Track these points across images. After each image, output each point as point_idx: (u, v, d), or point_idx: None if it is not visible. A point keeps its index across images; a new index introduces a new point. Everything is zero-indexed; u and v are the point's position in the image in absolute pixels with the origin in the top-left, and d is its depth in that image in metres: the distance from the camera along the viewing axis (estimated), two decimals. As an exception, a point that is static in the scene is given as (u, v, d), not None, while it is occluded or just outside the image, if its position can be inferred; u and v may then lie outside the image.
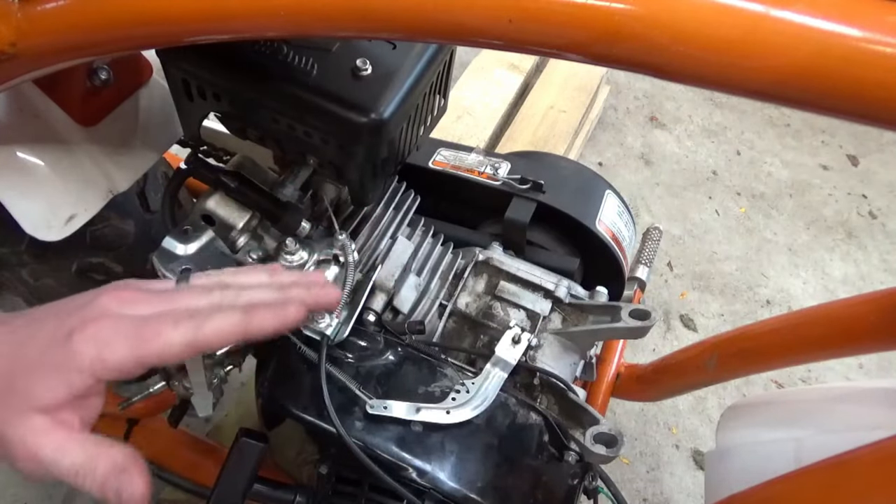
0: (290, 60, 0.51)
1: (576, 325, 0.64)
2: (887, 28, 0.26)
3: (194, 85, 0.53)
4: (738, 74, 0.29)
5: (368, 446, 0.52)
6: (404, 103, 0.51)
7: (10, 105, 0.59)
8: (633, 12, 0.29)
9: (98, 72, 0.61)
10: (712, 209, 1.77)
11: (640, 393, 0.92)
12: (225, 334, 0.40)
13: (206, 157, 0.69)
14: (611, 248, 0.72)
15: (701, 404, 1.36)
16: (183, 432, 0.88)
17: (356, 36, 0.49)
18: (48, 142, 0.61)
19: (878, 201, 1.86)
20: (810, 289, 1.62)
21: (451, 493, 0.51)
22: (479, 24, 0.32)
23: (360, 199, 0.58)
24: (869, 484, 0.39)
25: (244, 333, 0.41)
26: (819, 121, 2.03)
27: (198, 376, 0.55)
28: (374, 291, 0.60)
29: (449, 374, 0.58)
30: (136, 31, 0.41)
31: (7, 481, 1.10)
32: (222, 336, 0.40)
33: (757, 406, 0.67)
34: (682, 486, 1.24)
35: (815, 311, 0.63)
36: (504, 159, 0.76)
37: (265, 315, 0.42)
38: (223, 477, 0.56)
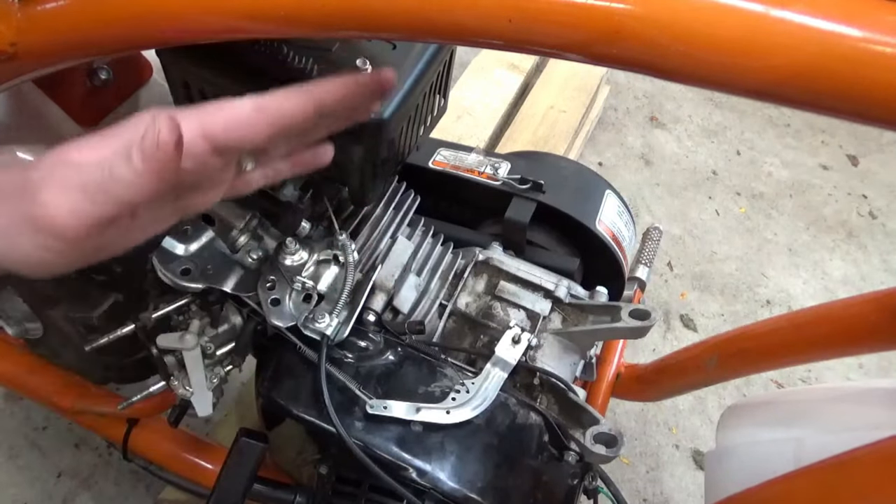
0: (290, 60, 0.51)
1: (576, 325, 0.64)
2: (887, 28, 0.26)
3: (194, 85, 0.53)
4: (738, 74, 0.29)
5: (368, 446, 0.52)
6: (404, 103, 0.51)
7: (10, 105, 0.59)
8: (633, 12, 0.29)
9: (98, 72, 0.62)
10: (712, 209, 1.77)
11: (640, 393, 0.92)
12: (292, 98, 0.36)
13: (206, 157, 0.69)
14: (611, 248, 0.72)
15: (701, 404, 1.36)
16: (183, 432, 0.88)
17: (356, 36, 0.49)
18: (48, 142, 0.61)
19: (878, 201, 1.86)
20: (810, 289, 1.62)
21: (451, 493, 0.51)
22: (479, 24, 0.32)
23: (360, 199, 0.58)
24: (869, 484, 0.39)
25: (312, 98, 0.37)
26: (819, 121, 2.02)
27: (198, 376, 0.55)
28: (374, 291, 0.60)
29: (449, 374, 0.58)
30: (136, 31, 0.41)
31: (8, 481, 1.10)
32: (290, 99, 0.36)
33: (757, 406, 0.67)
34: (682, 486, 1.24)
35: (815, 311, 0.63)
36: (504, 159, 0.76)
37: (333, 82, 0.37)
38: (223, 477, 0.56)
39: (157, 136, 0.31)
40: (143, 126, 0.32)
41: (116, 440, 0.88)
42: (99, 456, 1.14)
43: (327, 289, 0.58)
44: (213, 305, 0.59)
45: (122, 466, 1.13)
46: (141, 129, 0.32)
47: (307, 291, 0.57)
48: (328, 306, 0.56)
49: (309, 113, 0.37)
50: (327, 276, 0.59)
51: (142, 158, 0.31)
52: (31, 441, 1.15)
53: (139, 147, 0.31)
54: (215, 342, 0.58)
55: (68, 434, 1.16)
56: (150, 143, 0.31)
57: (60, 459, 1.13)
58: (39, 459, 1.13)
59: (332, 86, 0.37)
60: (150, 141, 0.31)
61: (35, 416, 1.17)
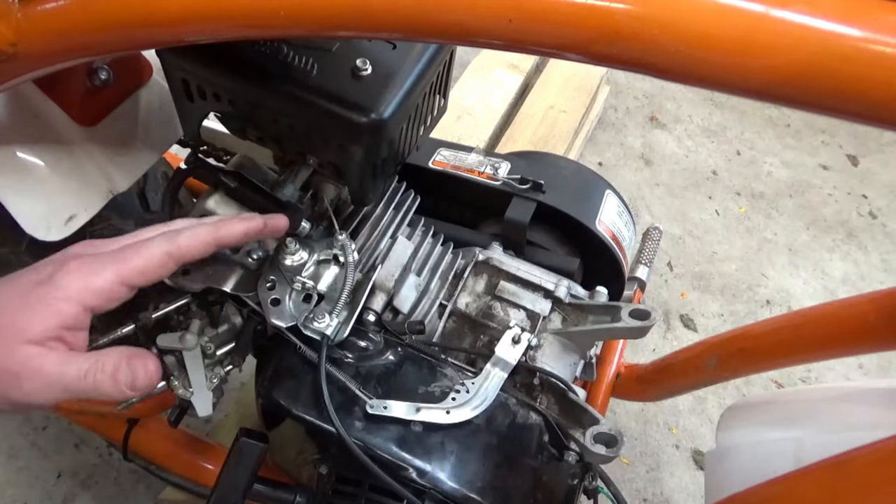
0: (290, 60, 0.51)
1: (576, 325, 0.64)
2: (887, 28, 0.26)
3: (194, 85, 0.53)
4: (738, 74, 0.29)
5: (368, 446, 0.52)
6: (404, 103, 0.51)
7: (10, 105, 0.59)
8: (633, 12, 0.29)
9: (98, 72, 0.61)
10: (712, 209, 1.77)
11: (640, 393, 0.92)
12: (199, 241, 0.43)
13: (206, 157, 0.69)
14: (611, 248, 0.72)
15: (701, 404, 1.36)
16: (183, 432, 0.88)
17: (356, 36, 0.49)
18: (48, 142, 0.61)
19: (878, 201, 1.86)
20: (810, 289, 1.62)
21: (451, 493, 0.51)
22: (479, 24, 0.32)
23: (360, 199, 0.58)
24: (869, 484, 0.39)
25: (216, 240, 0.44)
26: (819, 121, 2.02)
27: (198, 376, 0.55)
28: (374, 291, 0.60)
29: (449, 374, 0.58)
30: (136, 31, 0.41)
31: (7, 481, 1.10)
32: (197, 243, 0.43)
33: (757, 406, 0.67)
34: (682, 486, 1.24)
35: (815, 311, 0.63)
36: (504, 159, 0.76)
37: (231, 222, 0.46)
38: (223, 477, 0.56)
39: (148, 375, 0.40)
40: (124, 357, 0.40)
41: (116, 440, 0.88)
42: (99, 456, 1.14)
43: (327, 289, 0.58)
44: (213, 305, 0.59)
45: (122, 466, 1.13)
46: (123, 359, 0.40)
47: (307, 291, 0.57)
48: (328, 306, 0.56)
49: (212, 250, 0.45)
50: (327, 276, 0.59)
51: (131, 388, 0.40)
52: (31, 441, 1.15)
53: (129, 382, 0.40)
54: (215, 342, 0.57)
55: (68, 434, 1.16)
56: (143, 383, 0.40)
57: (60, 459, 1.13)
58: (39, 459, 1.13)
59: (233, 228, 0.45)
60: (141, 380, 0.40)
61: (35, 416, 1.17)
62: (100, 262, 0.40)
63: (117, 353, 0.40)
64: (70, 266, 0.39)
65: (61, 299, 0.38)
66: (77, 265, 0.39)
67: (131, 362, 0.40)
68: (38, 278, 0.39)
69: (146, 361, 0.41)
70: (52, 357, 0.38)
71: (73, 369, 0.38)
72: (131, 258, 0.41)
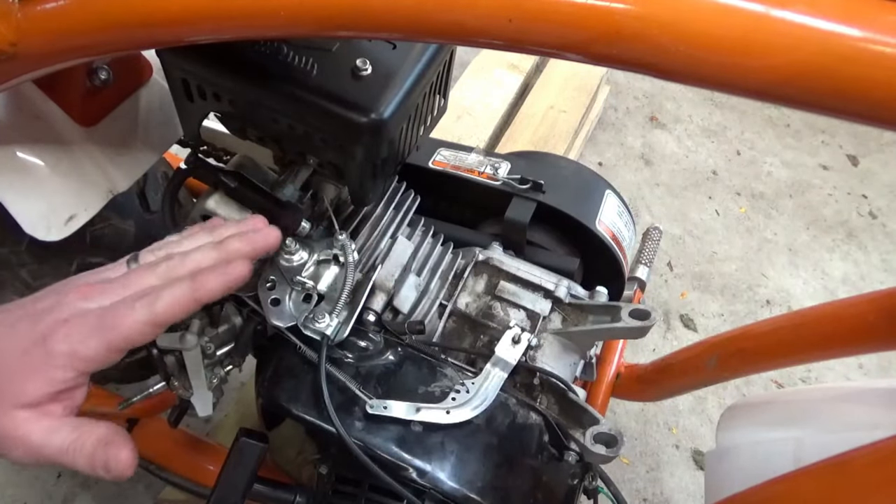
0: (290, 60, 0.51)
1: (576, 325, 0.64)
2: (887, 28, 0.26)
3: (194, 85, 0.53)
4: (739, 74, 0.29)
5: (368, 446, 0.52)
6: (404, 103, 0.51)
7: (10, 105, 0.59)
8: (633, 12, 0.29)
9: (98, 72, 0.61)
10: (712, 209, 1.77)
11: (640, 393, 0.92)
12: (178, 306, 0.43)
13: (206, 157, 0.69)
14: (611, 248, 0.72)
15: (701, 404, 1.36)
16: (183, 432, 0.88)
17: (356, 36, 0.49)
18: (48, 142, 0.61)
19: (878, 201, 1.86)
20: (810, 289, 1.62)
21: (451, 493, 0.51)
22: (479, 24, 0.32)
23: (360, 199, 0.58)
24: (869, 484, 0.39)
25: (194, 301, 0.44)
26: (819, 121, 2.02)
27: (198, 376, 0.55)
28: (374, 291, 0.60)
29: (449, 374, 0.57)
30: (136, 31, 0.41)
31: (7, 481, 1.10)
32: (176, 308, 0.43)
33: (757, 406, 0.67)
34: (682, 486, 1.24)
35: (815, 311, 0.63)
36: (504, 159, 0.76)
37: (209, 279, 0.45)
38: (223, 477, 0.56)
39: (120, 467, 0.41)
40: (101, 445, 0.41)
41: (116, 440, 0.88)
42: (99, 456, 1.14)
43: (327, 289, 0.58)
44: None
45: (122, 466, 1.13)
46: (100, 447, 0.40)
47: (307, 291, 0.57)
48: (328, 306, 0.56)
49: (194, 309, 0.45)
50: (327, 276, 0.59)
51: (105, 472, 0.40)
52: (31, 441, 1.15)
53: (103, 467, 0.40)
54: (215, 342, 0.57)
55: (68, 434, 1.16)
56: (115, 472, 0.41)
57: (60, 459, 1.13)
58: (39, 459, 1.13)
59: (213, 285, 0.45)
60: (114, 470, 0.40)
61: (35, 416, 1.17)
62: (87, 329, 0.41)
63: (96, 437, 0.41)
64: (60, 333, 0.40)
65: (53, 367, 0.40)
66: (66, 332, 0.41)
67: (107, 450, 0.41)
68: (33, 337, 0.40)
69: (119, 452, 0.41)
70: (40, 424, 0.39)
71: (55, 442, 0.40)
72: (115, 328, 0.42)
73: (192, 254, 0.47)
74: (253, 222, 0.52)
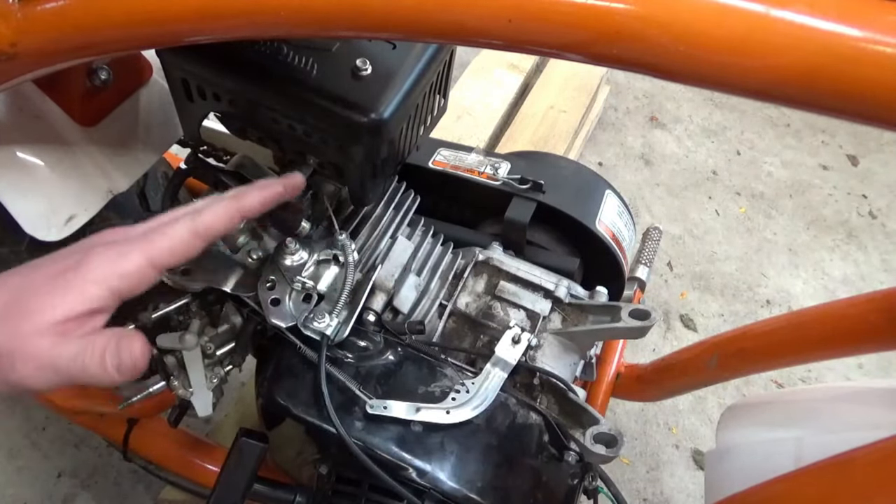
0: (290, 60, 0.51)
1: (576, 325, 0.64)
2: (887, 28, 0.26)
3: (194, 85, 0.53)
4: (739, 74, 0.29)
5: (368, 446, 0.52)
6: (404, 103, 0.51)
7: (10, 105, 0.59)
8: (633, 12, 0.29)
9: (98, 72, 0.61)
10: (712, 209, 1.77)
11: (640, 393, 0.92)
12: (221, 216, 0.44)
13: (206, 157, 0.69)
14: (611, 248, 0.72)
15: (701, 404, 1.36)
16: (183, 432, 0.88)
17: (356, 36, 0.49)
18: (48, 142, 0.61)
19: (878, 201, 1.86)
20: (810, 289, 1.62)
21: (451, 493, 0.51)
22: (479, 24, 0.32)
23: (360, 199, 0.58)
24: (869, 484, 0.39)
25: (238, 211, 0.45)
26: (819, 121, 2.02)
27: (198, 376, 0.55)
28: (374, 291, 0.60)
29: (449, 374, 0.57)
30: (136, 31, 0.41)
31: (7, 481, 1.10)
32: (220, 218, 0.44)
33: (757, 406, 0.67)
34: (682, 486, 1.24)
35: (815, 311, 0.63)
36: (504, 159, 0.76)
37: (252, 192, 0.46)
38: (223, 477, 0.56)
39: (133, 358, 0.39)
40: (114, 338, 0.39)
41: (116, 440, 0.88)
42: (99, 456, 1.14)
43: (327, 289, 0.58)
44: (213, 305, 0.59)
45: (122, 466, 1.13)
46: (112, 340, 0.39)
47: (307, 291, 0.57)
48: (328, 306, 0.56)
49: (236, 223, 0.46)
50: (327, 276, 0.59)
51: (118, 371, 0.39)
52: (31, 441, 1.15)
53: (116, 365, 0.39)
54: (215, 342, 0.58)
55: (68, 434, 1.16)
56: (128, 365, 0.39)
57: (60, 459, 1.13)
58: (39, 459, 1.13)
59: (253, 198, 0.47)
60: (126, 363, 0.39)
61: (35, 416, 1.17)
62: (127, 246, 0.40)
63: (108, 334, 0.39)
64: (97, 251, 0.39)
65: (90, 282, 0.38)
66: (104, 249, 0.39)
67: (119, 343, 0.39)
68: (66, 264, 0.39)
69: (132, 343, 0.40)
70: (52, 339, 0.37)
71: (66, 351, 0.38)
72: (158, 240, 0.41)
73: (205, 212, 0.46)
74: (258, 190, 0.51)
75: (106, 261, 0.39)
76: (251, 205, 0.46)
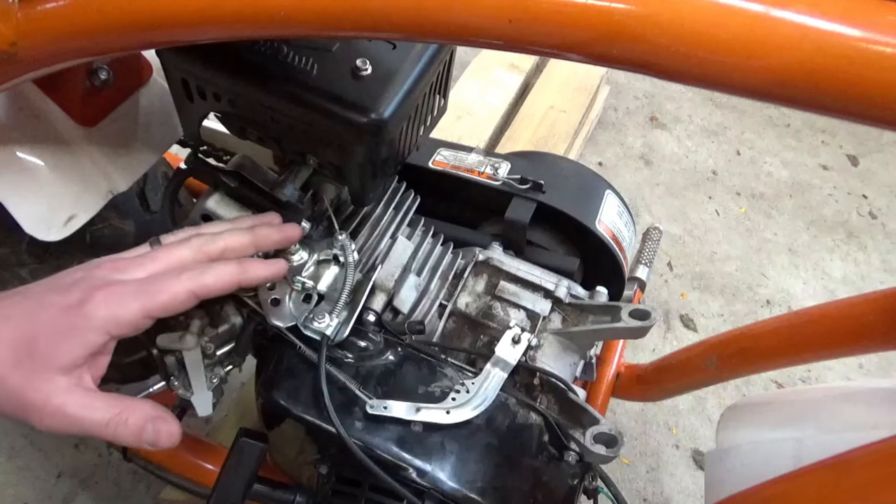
0: (290, 60, 0.51)
1: (576, 325, 0.64)
2: (887, 28, 0.26)
3: (194, 85, 0.53)
4: (738, 74, 0.29)
5: (368, 446, 0.52)
6: (404, 103, 0.51)
7: (10, 105, 0.59)
8: (633, 12, 0.29)
9: (98, 72, 0.61)
10: (712, 209, 1.77)
11: (640, 393, 0.92)
12: (224, 282, 0.45)
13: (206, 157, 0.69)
14: (611, 248, 0.72)
15: (701, 404, 1.36)
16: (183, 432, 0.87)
17: (356, 36, 0.49)
18: (48, 142, 0.61)
19: (878, 201, 1.86)
20: (810, 289, 1.62)
21: (451, 493, 0.51)
22: (479, 24, 0.32)
23: (360, 199, 0.58)
24: (869, 484, 0.39)
25: (240, 282, 0.47)
26: (819, 121, 2.02)
27: (198, 376, 0.55)
28: (374, 291, 0.60)
29: (449, 374, 0.57)
30: (136, 32, 0.41)
31: (7, 481, 1.10)
32: (221, 283, 0.45)
33: (757, 406, 0.67)
34: (682, 486, 1.24)
35: (815, 311, 0.63)
36: (504, 159, 0.76)
37: (256, 266, 0.48)
38: (223, 477, 0.56)
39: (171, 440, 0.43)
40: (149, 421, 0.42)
41: (116, 440, 0.88)
42: (99, 456, 1.14)
43: (327, 289, 0.58)
44: (213, 305, 0.59)
45: (122, 466, 1.13)
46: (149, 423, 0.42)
47: (307, 291, 0.57)
48: (328, 306, 0.56)
49: (233, 289, 0.47)
50: (327, 276, 0.59)
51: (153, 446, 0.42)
52: (31, 441, 1.15)
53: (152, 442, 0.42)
54: (215, 342, 0.57)
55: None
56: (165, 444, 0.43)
57: (60, 459, 1.13)
58: (39, 459, 1.13)
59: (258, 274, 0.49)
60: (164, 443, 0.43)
61: (35, 416, 1.17)
62: (127, 295, 0.42)
63: (141, 412, 0.42)
64: (98, 297, 0.41)
65: (89, 329, 0.40)
66: (104, 297, 0.41)
67: (156, 425, 0.42)
68: (67, 303, 0.41)
69: (171, 427, 0.43)
70: (76, 396, 0.40)
71: (95, 416, 0.40)
72: (157, 294, 0.42)
73: (223, 234, 0.49)
74: (270, 217, 0.55)
75: (105, 309, 0.41)
76: (254, 279, 0.49)
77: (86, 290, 0.41)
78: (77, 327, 0.40)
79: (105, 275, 0.43)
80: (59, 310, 0.40)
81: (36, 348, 0.39)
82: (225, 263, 0.46)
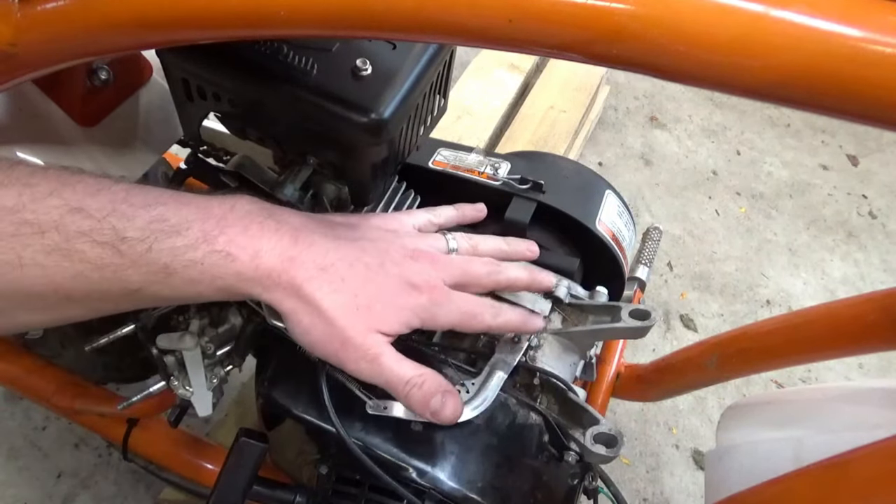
0: (290, 60, 0.51)
1: (576, 325, 0.64)
2: (887, 28, 0.26)
3: (194, 85, 0.53)
4: (738, 74, 0.29)
5: (368, 446, 0.52)
6: (404, 103, 0.51)
7: (10, 105, 0.59)
8: (633, 12, 0.29)
9: (98, 72, 0.61)
10: (712, 209, 1.77)
11: (640, 393, 0.92)
12: (508, 328, 0.52)
13: (206, 157, 0.69)
14: (611, 248, 0.72)
15: (701, 404, 1.36)
16: (183, 432, 0.88)
17: (356, 36, 0.49)
18: (48, 142, 0.61)
19: (878, 201, 1.86)
20: (810, 289, 1.62)
21: (451, 493, 0.51)
22: (479, 24, 0.32)
23: (360, 199, 0.58)
24: (869, 484, 0.39)
25: (518, 329, 0.53)
26: (819, 121, 2.02)
27: (198, 376, 0.55)
28: (374, 291, 0.60)
29: (449, 374, 0.57)
30: (137, 32, 0.41)
31: (7, 481, 1.10)
32: (506, 328, 0.52)
33: (757, 406, 0.67)
34: (682, 486, 1.24)
35: (815, 311, 0.63)
36: (504, 159, 0.76)
37: (534, 320, 0.55)
38: (223, 477, 0.56)
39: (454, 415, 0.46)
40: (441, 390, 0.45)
41: (116, 440, 0.88)
42: (99, 456, 1.14)
43: (327, 289, 0.58)
44: (212, 305, 0.59)
45: (122, 466, 1.13)
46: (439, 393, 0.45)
47: (307, 291, 0.57)
48: (328, 306, 0.56)
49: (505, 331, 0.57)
50: (327, 276, 0.59)
51: (433, 415, 0.45)
52: (31, 441, 1.15)
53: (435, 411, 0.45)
54: (215, 342, 0.57)
55: (68, 434, 1.16)
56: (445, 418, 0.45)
57: (60, 459, 1.13)
58: (39, 459, 1.13)
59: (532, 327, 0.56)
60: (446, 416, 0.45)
61: (35, 416, 1.17)
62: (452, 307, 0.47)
63: (437, 381, 0.45)
64: (427, 295, 0.47)
65: (415, 317, 0.46)
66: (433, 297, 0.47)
67: (445, 396, 0.45)
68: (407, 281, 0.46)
69: (456, 403, 0.46)
70: (390, 352, 0.44)
71: (400, 371, 0.44)
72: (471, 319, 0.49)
73: (510, 268, 0.54)
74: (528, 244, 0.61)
75: (430, 310, 0.46)
76: (532, 329, 0.55)
77: (424, 280, 0.47)
78: (407, 308, 0.45)
79: (427, 269, 0.48)
80: (400, 285, 0.46)
81: (373, 307, 0.44)
82: (514, 311, 0.54)
